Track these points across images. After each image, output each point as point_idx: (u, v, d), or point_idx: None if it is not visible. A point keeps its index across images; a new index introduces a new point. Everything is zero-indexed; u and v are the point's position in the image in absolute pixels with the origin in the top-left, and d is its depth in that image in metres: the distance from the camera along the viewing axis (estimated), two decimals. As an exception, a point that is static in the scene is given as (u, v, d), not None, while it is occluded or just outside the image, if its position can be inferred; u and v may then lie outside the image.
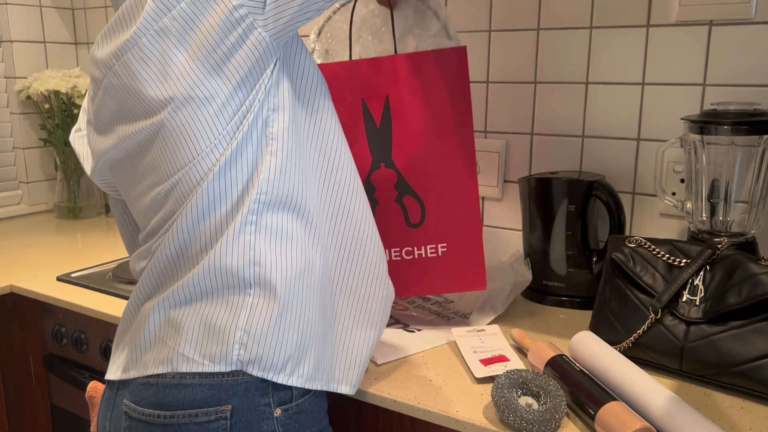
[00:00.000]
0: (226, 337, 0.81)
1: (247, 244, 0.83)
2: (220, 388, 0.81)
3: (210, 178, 0.82)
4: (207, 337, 0.83)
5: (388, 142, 1.14)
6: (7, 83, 2.07)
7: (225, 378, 0.81)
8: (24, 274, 1.51)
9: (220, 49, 0.80)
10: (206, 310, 0.83)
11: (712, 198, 1.18)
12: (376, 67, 1.12)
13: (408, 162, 1.14)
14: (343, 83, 1.13)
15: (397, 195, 1.15)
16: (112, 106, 0.87)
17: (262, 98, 0.82)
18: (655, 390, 0.87)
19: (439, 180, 1.14)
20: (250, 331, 0.82)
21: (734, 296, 0.95)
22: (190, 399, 0.81)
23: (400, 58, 1.12)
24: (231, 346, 0.81)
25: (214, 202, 0.83)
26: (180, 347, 0.83)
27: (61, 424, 1.53)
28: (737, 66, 1.21)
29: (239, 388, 0.81)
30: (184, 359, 0.83)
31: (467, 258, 1.16)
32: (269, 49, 0.81)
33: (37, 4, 2.07)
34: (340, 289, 0.93)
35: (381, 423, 1.01)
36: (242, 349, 0.81)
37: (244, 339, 0.81)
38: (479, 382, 0.99)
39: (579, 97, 1.38)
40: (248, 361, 0.81)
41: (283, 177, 0.84)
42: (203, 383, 0.81)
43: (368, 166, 1.15)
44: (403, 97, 1.13)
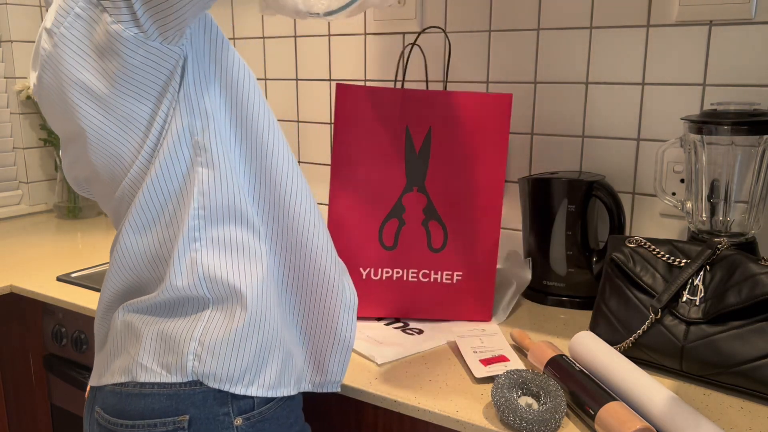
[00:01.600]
0: (181, 347, 0.82)
1: (196, 263, 0.81)
2: (177, 398, 0.81)
3: (140, 195, 0.81)
4: (164, 347, 0.83)
5: (424, 168, 1.23)
6: (7, 83, 2.07)
7: (182, 388, 0.81)
8: (24, 274, 1.51)
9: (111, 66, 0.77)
10: (164, 321, 0.84)
11: (712, 198, 1.18)
12: (426, 99, 1.22)
13: (439, 190, 1.22)
14: (391, 108, 1.23)
15: (424, 218, 1.23)
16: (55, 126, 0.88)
17: (176, 107, 0.79)
18: (655, 390, 0.87)
19: (465, 212, 1.21)
20: (205, 342, 0.81)
21: (734, 296, 0.95)
22: (149, 409, 0.82)
23: (450, 94, 1.21)
24: (186, 357, 0.81)
25: (149, 220, 0.82)
26: (139, 356, 0.84)
27: (61, 424, 1.53)
28: (737, 66, 1.21)
29: (197, 397, 0.81)
30: (142, 369, 0.83)
31: (478, 290, 1.22)
32: (164, 56, 0.77)
33: (37, 4, 2.07)
34: (296, 292, 0.91)
35: (381, 423, 1.01)
36: (197, 360, 0.81)
37: (199, 350, 0.81)
38: (479, 382, 0.99)
39: (579, 97, 1.38)
40: (203, 372, 0.81)
41: (220, 188, 0.82)
42: (161, 393, 0.82)
43: (402, 187, 1.24)
44: (445, 130, 1.21)
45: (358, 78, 1.65)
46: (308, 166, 1.79)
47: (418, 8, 1.52)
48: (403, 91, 1.23)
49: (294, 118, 1.79)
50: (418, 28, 1.53)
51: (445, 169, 1.23)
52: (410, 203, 1.24)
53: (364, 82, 1.65)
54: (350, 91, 1.27)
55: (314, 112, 1.76)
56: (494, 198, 1.21)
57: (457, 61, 1.50)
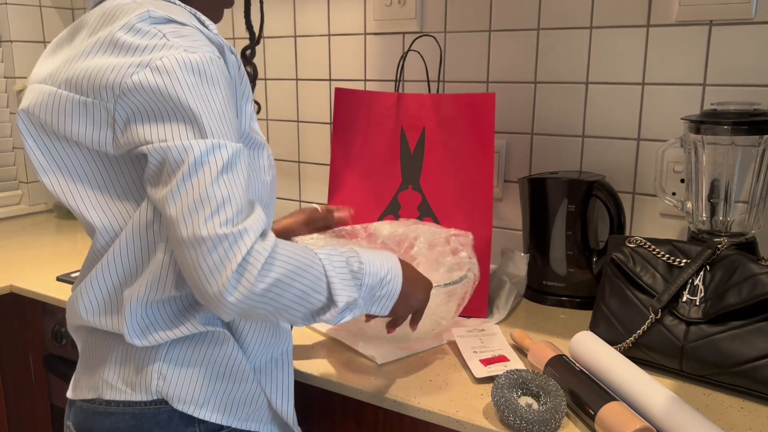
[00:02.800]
0: (146, 366, 0.81)
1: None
2: (142, 417, 0.81)
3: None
4: (129, 365, 0.83)
5: (418, 167, 1.28)
6: (7, 83, 2.07)
7: (147, 407, 0.81)
8: (24, 274, 1.51)
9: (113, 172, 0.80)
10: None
11: (712, 198, 1.18)
12: (419, 102, 1.28)
13: (433, 187, 1.27)
14: (388, 110, 1.30)
15: (419, 215, 1.27)
16: None
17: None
18: (655, 390, 0.87)
19: (458, 207, 1.24)
20: (171, 361, 0.81)
21: (734, 296, 0.95)
22: (114, 427, 0.82)
23: (440, 97, 1.27)
24: (150, 376, 0.81)
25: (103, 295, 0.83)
26: (105, 374, 0.84)
27: (61, 424, 1.53)
28: (737, 66, 1.21)
29: (162, 417, 0.81)
30: (108, 386, 0.83)
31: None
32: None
33: (37, 4, 2.07)
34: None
35: (381, 423, 1.01)
36: (161, 379, 0.81)
37: (164, 369, 0.81)
38: (479, 382, 0.99)
39: (579, 97, 1.38)
40: (167, 392, 0.81)
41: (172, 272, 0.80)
42: (127, 412, 0.82)
43: (398, 185, 1.29)
44: (437, 130, 1.26)
45: (357, 78, 1.65)
46: (308, 165, 1.79)
47: (418, 8, 1.52)
48: (399, 94, 1.28)
49: (294, 118, 1.79)
50: (418, 28, 1.53)
51: (438, 168, 1.26)
52: (405, 201, 1.28)
53: (363, 82, 1.65)
54: (348, 94, 1.33)
55: (314, 112, 1.76)
56: (485, 193, 1.22)
57: (457, 61, 1.50)
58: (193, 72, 0.72)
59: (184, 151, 0.70)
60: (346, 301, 0.77)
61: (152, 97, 0.71)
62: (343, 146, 1.33)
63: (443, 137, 1.26)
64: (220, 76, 0.74)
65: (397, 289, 0.85)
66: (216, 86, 0.73)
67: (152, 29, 0.73)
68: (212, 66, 0.73)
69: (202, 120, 0.71)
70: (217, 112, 0.72)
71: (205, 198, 0.69)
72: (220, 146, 0.71)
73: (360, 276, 0.79)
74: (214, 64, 0.74)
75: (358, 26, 1.63)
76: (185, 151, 0.70)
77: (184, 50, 0.72)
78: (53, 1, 2.11)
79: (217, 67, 0.74)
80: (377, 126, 1.31)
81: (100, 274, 0.81)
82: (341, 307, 0.77)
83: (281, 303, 0.73)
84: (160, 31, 0.73)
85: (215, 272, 0.68)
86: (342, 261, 0.78)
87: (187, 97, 0.71)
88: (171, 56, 0.71)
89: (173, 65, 0.71)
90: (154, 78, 0.71)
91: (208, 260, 0.68)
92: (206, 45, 0.75)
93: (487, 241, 1.22)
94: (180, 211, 0.69)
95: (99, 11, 0.79)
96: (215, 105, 0.72)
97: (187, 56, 0.72)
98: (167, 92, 0.71)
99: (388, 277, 0.83)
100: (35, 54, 2.09)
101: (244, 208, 0.71)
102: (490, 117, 1.22)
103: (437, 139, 1.27)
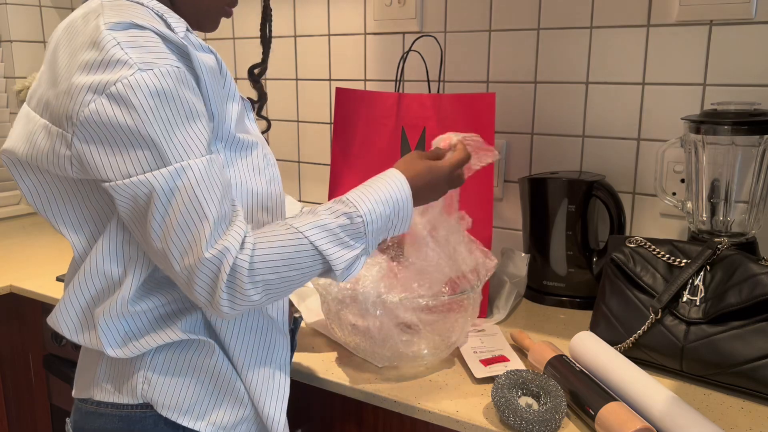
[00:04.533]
0: (133, 370, 0.82)
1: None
2: (130, 419, 0.82)
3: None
4: (118, 367, 0.83)
5: None
6: (7, 83, 2.07)
7: (135, 410, 0.82)
8: (24, 274, 1.51)
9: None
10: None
11: (713, 198, 1.18)
12: (419, 102, 1.28)
13: None
14: (389, 110, 1.30)
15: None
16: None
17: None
18: (655, 390, 0.87)
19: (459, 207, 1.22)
20: (156, 367, 0.81)
21: (734, 296, 0.95)
22: (103, 428, 0.83)
23: (440, 97, 1.27)
24: (136, 380, 0.81)
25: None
26: (96, 374, 0.84)
27: (60, 424, 1.52)
28: (737, 66, 1.21)
29: (148, 421, 0.82)
30: (99, 387, 0.84)
31: None
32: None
33: (36, 4, 2.07)
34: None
35: (381, 423, 1.01)
36: (146, 384, 0.81)
37: (149, 374, 0.81)
38: (479, 382, 0.99)
39: (579, 97, 1.38)
40: (152, 397, 0.81)
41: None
42: (115, 414, 0.82)
43: None
44: (437, 130, 1.25)
45: (357, 78, 1.65)
46: (308, 165, 1.79)
47: (418, 8, 1.52)
48: (399, 94, 1.28)
49: (294, 118, 1.79)
50: (418, 28, 1.53)
51: None
52: None
53: (363, 82, 1.65)
54: (349, 94, 1.32)
55: (314, 112, 1.76)
56: (485, 193, 1.22)
57: (457, 61, 1.50)
58: (151, 95, 0.69)
59: (150, 185, 0.70)
60: (344, 267, 0.79)
61: (109, 129, 0.70)
62: (343, 146, 1.33)
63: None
64: (180, 87, 0.71)
65: (408, 209, 0.85)
66: (174, 101, 0.71)
67: (109, 40, 0.71)
68: (168, 79, 0.70)
69: (164, 146, 0.70)
70: (178, 132, 0.71)
71: (184, 226, 0.70)
72: (185, 169, 0.70)
73: (361, 229, 0.80)
74: (172, 77, 0.71)
75: (358, 26, 1.63)
76: (150, 184, 0.70)
77: (138, 69, 0.69)
78: (53, 1, 2.11)
79: (175, 78, 0.71)
80: (378, 126, 1.31)
81: (72, 293, 0.82)
82: (340, 273, 0.79)
83: (283, 291, 0.77)
84: (116, 42, 0.71)
85: (207, 295, 0.72)
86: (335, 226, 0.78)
87: (145, 125, 0.69)
88: (126, 80, 0.69)
89: (127, 92, 0.69)
90: (112, 108, 0.69)
91: (198, 287, 0.72)
92: (163, 54, 0.72)
93: (487, 241, 1.21)
94: (165, 246, 0.71)
95: (67, 22, 0.79)
96: (176, 124, 0.71)
97: (142, 77, 0.69)
98: (125, 123, 0.69)
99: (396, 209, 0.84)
100: (35, 54, 2.09)
101: (222, 220, 0.72)
102: (490, 117, 1.22)
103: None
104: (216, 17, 0.89)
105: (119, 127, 0.69)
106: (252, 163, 0.83)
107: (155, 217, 0.70)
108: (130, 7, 0.76)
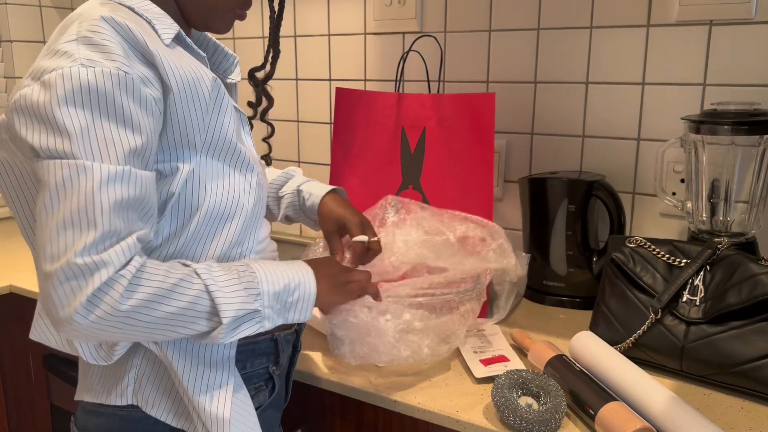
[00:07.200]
0: (123, 371, 0.81)
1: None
2: (130, 419, 0.82)
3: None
4: (109, 369, 0.83)
5: (419, 167, 1.28)
6: (7, 83, 2.07)
7: (135, 410, 0.81)
8: (24, 274, 1.51)
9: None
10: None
11: (713, 198, 1.18)
12: (419, 102, 1.28)
13: (433, 187, 1.27)
14: (389, 110, 1.30)
15: None
16: None
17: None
18: (655, 390, 0.87)
19: (458, 208, 1.22)
20: (146, 369, 0.81)
21: (734, 296, 0.95)
22: (104, 428, 0.83)
23: (440, 97, 1.27)
24: (127, 381, 0.81)
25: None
26: (88, 377, 0.85)
27: (60, 424, 1.53)
28: (737, 66, 1.21)
29: (148, 421, 0.81)
30: (91, 389, 0.84)
31: None
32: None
33: (36, 4, 2.07)
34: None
35: (381, 423, 1.01)
36: (137, 384, 0.81)
37: (139, 375, 0.81)
38: (479, 382, 0.99)
39: (579, 97, 1.38)
40: (141, 397, 0.81)
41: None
42: (116, 413, 0.82)
43: (398, 185, 1.30)
44: (438, 130, 1.27)
45: (357, 78, 1.65)
46: (308, 166, 1.79)
47: (418, 8, 1.52)
48: (399, 94, 1.29)
49: (294, 118, 1.79)
50: (418, 28, 1.53)
51: (438, 167, 1.26)
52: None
53: (363, 82, 1.65)
54: (349, 94, 1.32)
55: (314, 112, 1.76)
56: (485, 192, 1.22)
57: (457, 61, 1.50)
58: (80, 89, 0.68)
59: (48, 170, 0.68)
60: (233, 315, 0.73)
61: (31, 110, 0.69)
62: (344, 146, 1.33)
63: (444, 137, 1.27)
64: (118, 91, 0.70)
65: (311, 289, 0.81)
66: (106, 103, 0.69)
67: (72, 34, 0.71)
68: (108, 81, 0.69)
69: (77, 140, 0.68)
70: (98, 132, 0.69)
71: (69, 225, 0.66)
72: (87, 169, 0.67)
73: (254, 286, 0.75)
74: (112, 79, 0.69)
75: (358, 26, 1.63)
76: (49, 170, 0.68)
77: (80, 64, 0.69)
78: (53, 1, 2.11)
79: (117, 81, 0.69)
80: (378, 126, 1.31)
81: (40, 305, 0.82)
82: (227, 322, 0.72)
83: (144, 330, 0.70)
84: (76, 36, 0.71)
85: (59, 303, 0.66)
86: (228, 275, 0.74)
87: (62, 115, 0.68)
88: (61, 71, 0.68)
89: (57, 81, 0.68)
90: (39, 93, 0.69)
91: (55, 292, 0.66)
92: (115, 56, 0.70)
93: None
94: (42, 238, 0.68)
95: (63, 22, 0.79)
96: (98, 124, 0.69)
97: (78, 71, 0.68)
98: (43, 106, 0.68)
99: (296, 281, 0.79)
100: (35, 54, 2.09)
101: (111, 235, 0.68)
102: (490, 117, 1.22)
103: (438, 139, 1.27)
104: (226, 18, 0.87)
105: (36, 109, 0.69)
106: (249, 181, 0.83)
107: (44, 206, 0.68)
108: (117, 10, 0.75)
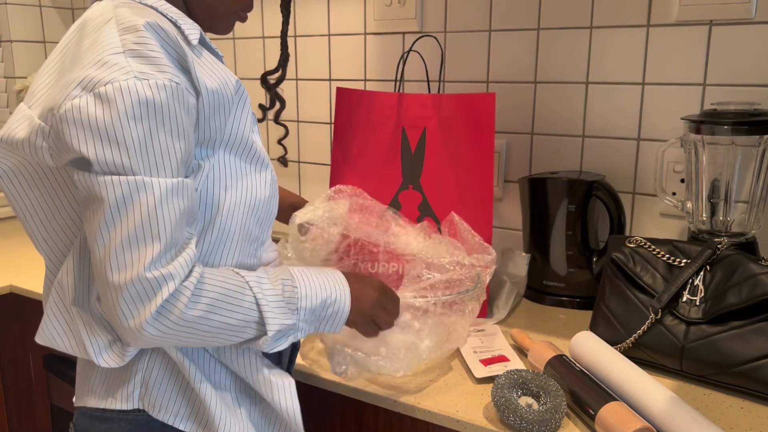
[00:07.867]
0: (128, 375, 0.81)
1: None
2: (137, 424, 0.81)
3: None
4: (113, 373, 0.82)
5: (419, 167, 1.28)
6: (7, 83, 2.07)
7: (141, 414, 0.81)
8: (24, 274, 1.51)
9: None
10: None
11: (713, 198, 1.18)
12: (420, 102, 1.28)
13: (433, 187, 1.27)
14: (389, 110, 1.30)
15: (419, 215, 1.27)
16: None
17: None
18: (655, 390, 0.87)
19: (458, 208, 1.24)
20: (152, 372, 0.81)
21: (734, 296, 0.95)
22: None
23: (441, 97, 1.27)
24: (133, 386, 0.81)
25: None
26: (90, 381, 0.84)
27: (60, 424, 1.53)
28: (737, 66, 1.21)
29: (155, 425, 0.81)
30: (93, 394, 0.83)
31: None
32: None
33: (36, 4, 2.07)
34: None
35: (381, 423, 1.01)
36: (143, 387, 0.81)
37: (146, 378, 0.81)
38: (479, 382, 0.99)
39: (579, 97, 1.38)
40: (148, 401, 0.81)
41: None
42: (122, 418, 0.81)
43: (398, 185, 1.30)
44: (438, 130, 1.27)
45: (357, 78, 1.65)
46: (308, 166, 1.79)
47: (418, 8, 1.52)
48: (399, 94, 1.29)
49: (294, 118, 1.79)
50: (418, 28, 1.53)
51: (438, 167, 1.26)
52: (406, 200, 1.29)
53: (364, 82, 1.65)
54: (349, 94, 1.33)
55: (314, 112, 1.76)
56: (485, 192, 1.23)
57: (457, 61, 1.50)
58: (139, 103, 0.68)
59: (105, 187, 0.68)
60: (278, 329, 0.76)
61: (87, 124, 0.68)
62: (344, 146, 1.33)
63: (444, 137, 1.27)
64: (173, 102, 0.70)
65: (345, 307, 0.83)
66: (162, 115, 0.69)
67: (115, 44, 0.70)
68: (162, 92, 0.69)
69: (135, 155, 0.68)
70: (156, 145, 0.69)
71: (133, 241, 0.68)
72: (146, 185, 0.68)
73: (294, 301, 0.78)
74: (167, 91, 0.69)
75: (358, 26, 1.63)
76: (107, 186, 0.68)
77: (134, 76, 0.68)
78: (53, 1, 2.11)
79: (170, 92, 0.70)
80: (378, 126, 1.31)
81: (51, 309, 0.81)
82: (271, 335, 0.76)
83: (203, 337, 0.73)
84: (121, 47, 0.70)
85: (129, 314, 0.69)
86: (275, 289, 0.77)
87: (123, 129, 0.67)
88: (117, 83, 0.68)
89: (116, 94, 0.67)
90: (95, 106, 0.68)
91: (124, 304, 0.68)
92: (163, 66, 0.70)
93: (487, 241, 1.22)
94: (106, 253, 0.68)
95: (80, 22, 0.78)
96: (156, 137, 0.69)
97: (134, 84, 0.68)
98: (103, 121, 0.67)
99: (333, 297, 0.82)
100: (35, 54, 2.09)
101: (173, 245, 0.70)
102: (490, 117, 1.22)
103: (438, 139, 1.27)
104: (229, 21, 0.88)
105: (96, 123, 0.68)
106: (264, 178, 0.84)
107: (105, 222, 0.68)
108: (142, 11, 0.75)
